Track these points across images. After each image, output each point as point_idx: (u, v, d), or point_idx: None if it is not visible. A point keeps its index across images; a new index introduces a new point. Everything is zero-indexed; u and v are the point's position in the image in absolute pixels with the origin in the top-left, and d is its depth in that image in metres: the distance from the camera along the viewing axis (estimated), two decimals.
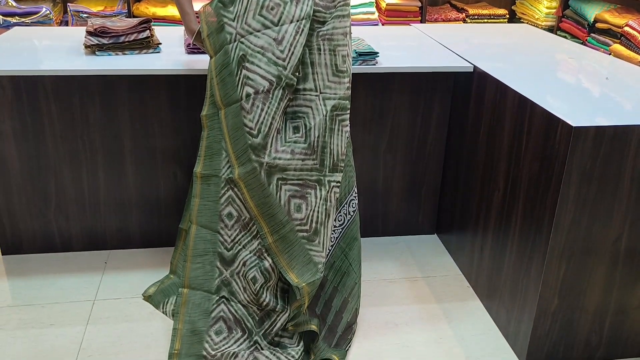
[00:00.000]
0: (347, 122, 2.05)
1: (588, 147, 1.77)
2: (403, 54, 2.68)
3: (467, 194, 2.52)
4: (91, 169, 2.56)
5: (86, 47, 2.43)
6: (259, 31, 1.87)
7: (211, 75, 1.94)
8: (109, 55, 2.43)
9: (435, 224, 2.91)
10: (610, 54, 3.51)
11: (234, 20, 1.88)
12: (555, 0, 4.21)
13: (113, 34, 2.42)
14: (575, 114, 1.85)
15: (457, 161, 2.63)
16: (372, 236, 2.88)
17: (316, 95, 1.98)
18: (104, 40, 2.41)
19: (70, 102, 2.45)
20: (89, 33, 2.44)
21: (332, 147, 2.02)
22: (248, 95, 1.89)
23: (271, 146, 1.93)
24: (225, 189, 1.96)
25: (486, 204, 2.33)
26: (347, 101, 2.03)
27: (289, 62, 1.90)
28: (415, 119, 2.68)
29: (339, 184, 2.07)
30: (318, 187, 2.02)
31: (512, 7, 4.50)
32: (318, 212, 2.02)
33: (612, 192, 1.84)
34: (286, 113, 1.98)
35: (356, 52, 2.41)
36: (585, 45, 3.81)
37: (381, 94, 2.62)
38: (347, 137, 2.08)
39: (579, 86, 2.23)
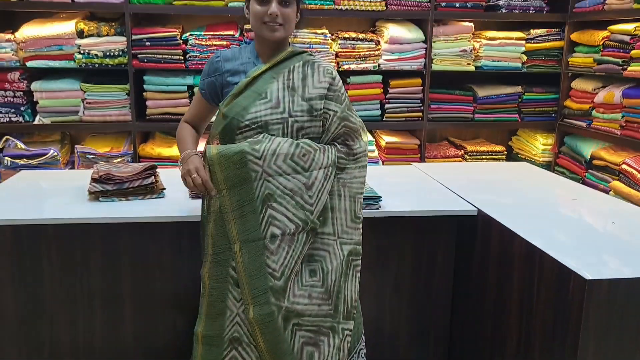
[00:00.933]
0: (359, 268, 2.04)
1: (604, 300, 1.71)
2: (406, 197, 2.69)
3: (478, 341, 2.42)
4: (88, 314, 2.47)
5: (90, 193, 2.44)
6: (289, 174, 1.89)
7: (224, 209, 1.87)
8: (113, 201, 2.43)
9: None
10: (610, 191, 3.53)
11: (260, 159, 1.87)
12: (550, 137, 4.31)
13: (118, 181, 2.44)
14: (588, 264, 1.81)
15: (466, 304, 2.55)
16: None
17: (334, 240, 1.98)
18: (108, 187, 2.43)
19: (71, 247, 2.42)
20: (93, 180, 2.45)
21: (346, 293, 1.98)
22: (274, 236, 1.86)
23: (290, 290, 1.88)
24: (229, 349, 1.88)
25: (499, 352, 2.23)
26: (360, 246, 2.05)
27: (315, 207, 1.92)
28: (420, 262, 2.64)
29: (351, 332, 2.00)
30: (332, 335, 1.96)
31: (509, 143, 4.60)
32: None
33: (634, 346, 1.76)
34: (304, 256, 1.95)
35: None
36: (584, 181, 3.85)
37: (385, 237, 2.59)
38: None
39: (587, 232, 2.20)
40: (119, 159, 3.73)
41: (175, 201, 2.47)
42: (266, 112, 1.95)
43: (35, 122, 3.75)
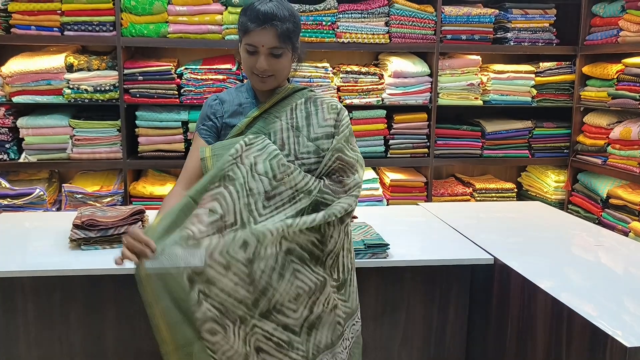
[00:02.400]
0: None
1: None
2: (415, 243, 2.49)
3: None
4: None
5: (71, 240, 2.24)
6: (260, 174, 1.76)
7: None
8: (96, 249, 2.23)
9: None
10: (629, 232, 3.33)
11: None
12: (562, 173, 4.13)
13: (102, 227, 2.25)
14: (626, 327, 1.60)
15: None
16: None
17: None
18: (91, 234, 2.24)
19: (49, 301, 2.22)
20: (75, 226, 2.27)
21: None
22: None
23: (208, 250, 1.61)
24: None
25: None
26: None
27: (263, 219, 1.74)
28: (431, 312, 2.43)
29: None
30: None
31: (519, 180, 4.42)
32: None
33: None
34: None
35: (364, 244, 2.22)
36: (600, 220, 3.65)
37: (392, 286, 2.39)
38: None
39: (618, 285, 1.99)
40: (108, 198, 3.54)
41: None
42: None
43: (21, 160, 3.56)
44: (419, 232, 2.66)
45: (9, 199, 3.43)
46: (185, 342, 1.62)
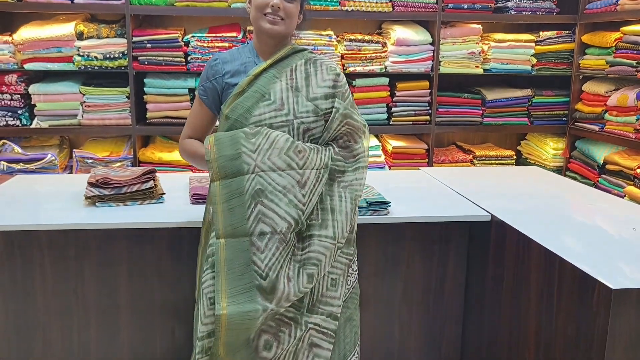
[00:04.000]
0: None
1: (632, 311, 1.60)
2: (415, 202, 2.58)
3: (493, 351, 2.30)
4: (83, 325, 2.37)
5: (86, 198, 2.34)
6: (283, 170, 1.80)
7: (214, 200, 1.80)
8: (110, 206, 2.33)
9: None
10: (625, 196, 3.42)
11: (254, 152, 1.79)
12: (561, 141, 4.21)
13: (115, 185, 2.34)
14: (612, 273, 1.70)
15: (479, 314, 2.44)
16: None
17: (333, 244, 1.87)
18: (105, 192, 2.33)
19: (65, 255, 2.32)
20: (90, 184, 2.36)
21: (315, 285, 1.93)
22: (263, 233, 1.76)
23: (283, 294, 1.77)
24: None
25: None
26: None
27: (307, 207, 1.83)
28: (431, 269, 2.53)
29: (317, 327, 1.92)
30: (293, 326, 1.88)
31: (518, 148, 4.50)
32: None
33: None
34: (297, 260, 1.85)
35: (366, 202, 2.32)
36: (597, 186, 3.74)
37: (393, 243, 2.49)
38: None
39: (607, 238, 2.09)
40: (118, 164, 3.63)
41: (175, 206, 2.37)
42: (270, 114, 1.87)
43: (33, 126, 3.66)
44: (419, 192, 2.75)
45: (21, 164, 3.52)
46: None
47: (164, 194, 2.43)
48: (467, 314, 2.54)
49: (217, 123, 2.02)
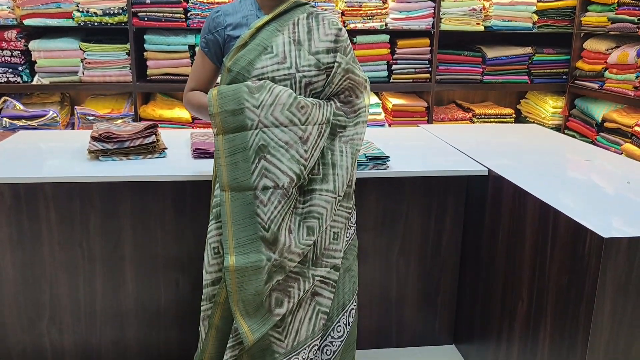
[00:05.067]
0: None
1: (622, 259, 1.65)
2: (414, 157, 2.62)
3: (488, 302, 2.37)
4: (89, 277, 2.43)
5: (90, 152, 2.37)
6: (285, 126, 1.82)
7: (218, 154, 1.84)
8: (113, 160, 2.36)
9: (453, 334, 2.74)
10: (622, 153, 3.45)
11: (257, 108, 1.81)
12: (560, 99, 4.21)
13: (118, 139, 2.37)
14: (604, 223, 1.74)
15: (475, 267, 2.50)
16: (384, 347, 2.70)
17: (334, 197, 1.92)
18: (108, 146, 2.36)
19: (70, 208, 2.36)
20: (93, 138, 2.39)
21: (318, 240, 1.99)
22: (266, 187, 1.81)
23: (284, 245, 1.83)
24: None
25: (509, 315, 2.18)
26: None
27: (309, 163, 1.86)
28: (429, 223, 2.58)
29: (322, 278, 2.00)
30: (301, 280, 1.94)
31: (517, 106, 4.51)
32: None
33: None
34: (299, 214, 1.90)
35: (366, 157, 2.35)
36: (595, 144, 3.77)
37: (392, 198, 2.53)
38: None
39: (601, 191, 2.13)
40: (119, 121, 3.65)
41: (177, 161, 2.40)
42: (273, 67, 1.88)
43: (34, 82, 3.67)
44: (418, 149, 2.78)
45: (24, 120, 3.55)
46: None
47: (166, 148, 2.46)
48: (463, 266, 2.60)
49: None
